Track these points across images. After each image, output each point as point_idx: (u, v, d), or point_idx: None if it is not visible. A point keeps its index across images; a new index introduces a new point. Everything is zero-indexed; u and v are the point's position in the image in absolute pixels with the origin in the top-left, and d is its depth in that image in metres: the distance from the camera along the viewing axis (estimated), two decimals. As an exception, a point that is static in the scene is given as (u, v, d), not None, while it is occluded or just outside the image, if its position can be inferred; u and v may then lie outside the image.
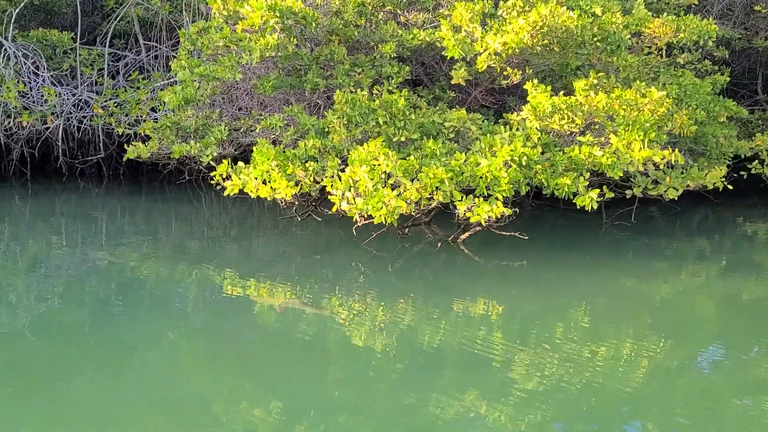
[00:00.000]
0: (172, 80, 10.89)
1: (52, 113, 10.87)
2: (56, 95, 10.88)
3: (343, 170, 5.95)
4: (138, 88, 11.11)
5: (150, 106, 10.57)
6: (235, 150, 7.98)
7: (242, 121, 7.95)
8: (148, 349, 4.52)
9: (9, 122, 10.63)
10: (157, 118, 10.25)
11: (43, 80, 10.98)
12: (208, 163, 7.54)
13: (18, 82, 10.71)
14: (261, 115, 7.93)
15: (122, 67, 11.76)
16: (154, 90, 10.92)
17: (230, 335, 4.75)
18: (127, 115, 10.72)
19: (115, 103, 10.95)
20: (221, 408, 3.66)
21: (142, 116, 10.54)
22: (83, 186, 11.66)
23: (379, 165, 5.60)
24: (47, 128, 11.01)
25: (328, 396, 3.81)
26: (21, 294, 5.69)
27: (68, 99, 11.03)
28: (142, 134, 10.09)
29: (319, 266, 6.83)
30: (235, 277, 6.25)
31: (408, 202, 5.49)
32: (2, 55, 10.82)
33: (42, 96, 10.90)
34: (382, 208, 5.38)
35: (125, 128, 10.51)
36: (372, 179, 5.48)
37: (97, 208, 10.02)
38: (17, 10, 11.11)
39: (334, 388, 3.94)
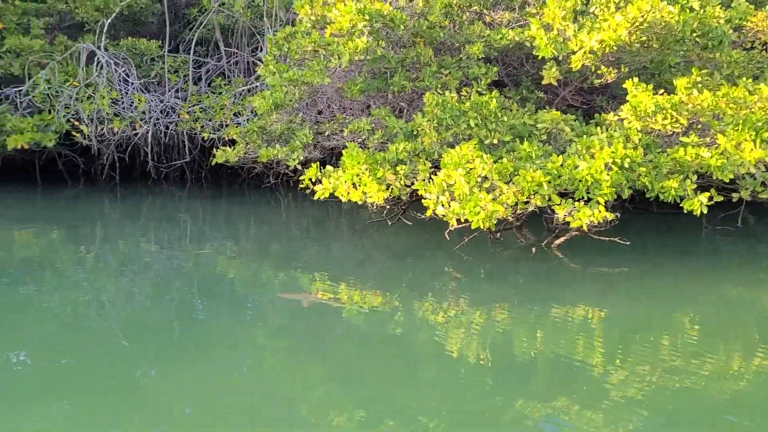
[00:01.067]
0: (253, 85, 11.11)
1: (141, 119, 11.27)
2: (146, 102, 11.28)
3: (434, 173, 5.87)
4: (220, 93, 11.37)
5: (233, 111, 10.79)
6: (320, 153, 8.03)
7: (326, 125, 7.99)
8: (233, 349, 4.54)
9: (102, 128, 11.08)
10: (239, 123, 10.46)
11: (133, 87, 11.39)
12: (294, 167, 7.62)
13: (111, 89, 11.15)
14: (345, 118, 7.95)
15: (204, 73, 12.08)
16: (236, 95, 11.16)
17: (317, 338, 4.73)
18: (210, 120, 10.99)
19: (200, 108, 11.25)
20: (305, 410, 3.64)
21: (225, 121, 10.78)
22: (167, 189, 12.02)
23: (474, 168, 5.48)
24: (136, 134, 11.42)
25: (417, 402, 3.72)
26: (112, 293, 5.84)
27: (156, 105, 11.41)
28: (226, 138, 10.34)
29: (408, 270, 6.76)
30: (324, 279, 6.26)
31: (505, 206, 5.36)
32: (96, 63, 11.28)
33: (132, 102, 11.31)
34: (479, 212, 5.26)
35: (210, 133, 10.79)
36: (468, 182, 5.37)
37: (181, 211, 10.30)
38: (109, 21, 11.57)
39: (424, 393, 3.85)
